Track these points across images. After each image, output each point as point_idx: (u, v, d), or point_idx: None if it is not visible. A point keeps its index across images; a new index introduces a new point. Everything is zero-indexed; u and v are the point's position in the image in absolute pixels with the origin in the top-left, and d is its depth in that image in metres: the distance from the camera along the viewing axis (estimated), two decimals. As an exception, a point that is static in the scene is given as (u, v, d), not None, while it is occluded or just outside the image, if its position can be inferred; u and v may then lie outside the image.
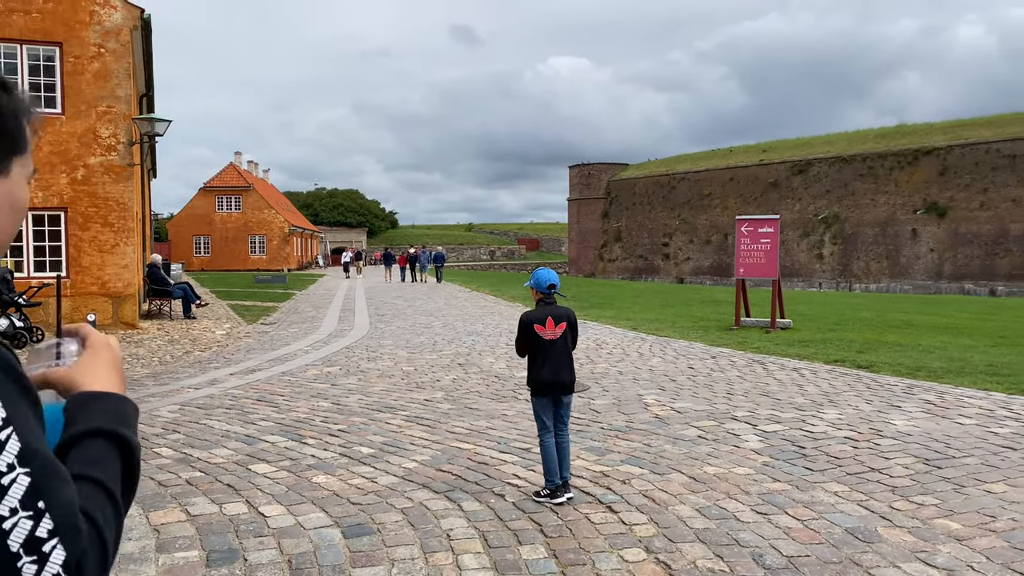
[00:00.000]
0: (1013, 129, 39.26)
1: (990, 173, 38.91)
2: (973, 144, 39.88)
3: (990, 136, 39.70)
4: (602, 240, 60.59)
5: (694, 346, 12.82)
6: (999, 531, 4.39)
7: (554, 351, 5.07)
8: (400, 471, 5.61)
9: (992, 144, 39.19)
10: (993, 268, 38.42)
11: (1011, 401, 8.10)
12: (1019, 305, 24.18)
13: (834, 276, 44.52)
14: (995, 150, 38.98)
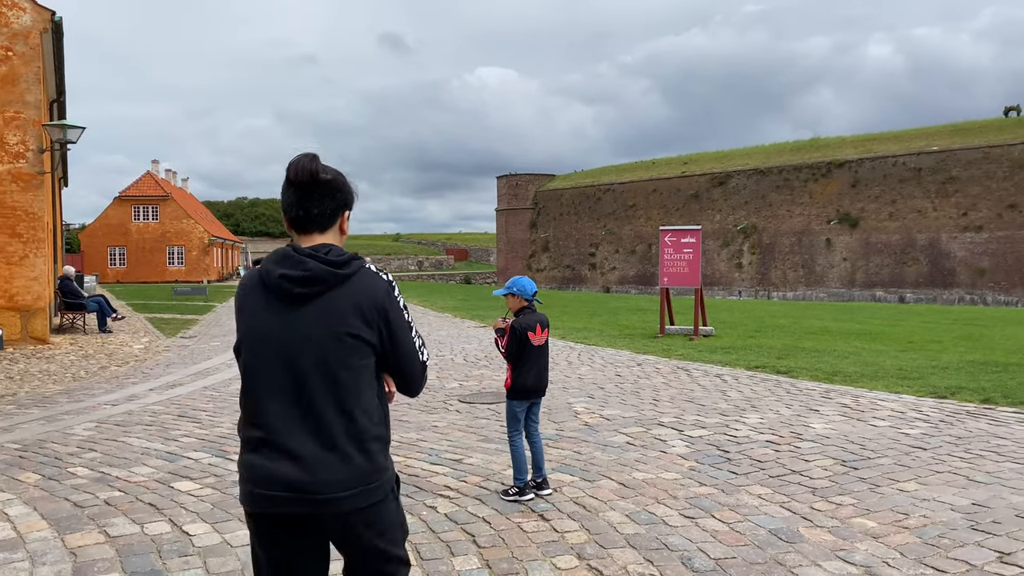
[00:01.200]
0: (918, 143, 41.30)
1: (898, 185, 40.80)
2: (882, 157, 41.77)
3: (897, 150, 41.66)
4: (530, 250, 61.00)
5: (621, 354, 13.01)
6: (912, 528, 4.60)
7: (540, 357, 5.28)
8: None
9: (899, 157, 41.13)
10: (902, 276, 40.24)
11: (920, 403, 8.50)
12: (926, 311, 25.37)
13: (753, 284, 45.89)
14: (902, 163, 40.91)
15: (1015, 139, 37.72)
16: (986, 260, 37.53)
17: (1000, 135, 38.77)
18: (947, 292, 38.31)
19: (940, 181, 39.33)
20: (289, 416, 2.12)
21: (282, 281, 2.15)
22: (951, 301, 37.39)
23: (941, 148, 39.82)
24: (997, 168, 37.63)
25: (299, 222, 2.23)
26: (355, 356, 2.17)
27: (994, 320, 20.49)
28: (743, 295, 45.43)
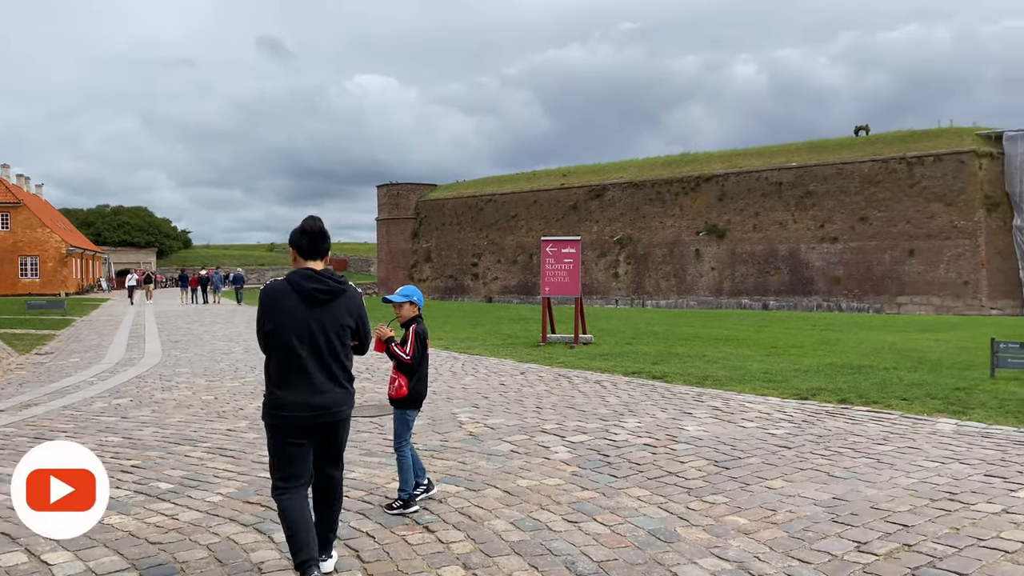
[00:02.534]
0: (779, 159, 43.84)
1: (761, 199, 43.13)
2: (746, 172, 44.07)
3: (760, 165, 44.07)
4: (412, 260, 60.59)
5: (504, 363, 13.12)
6: (780, 523, 4.85)
7: (427, 365, 5.35)
8: (204, 505, 5.29)
9: (762, 172, 43.51)
10: (765, 284, 42.52)
11: (784, 404, 9.00)
12: (787, 317, 26.92)
13: (629, 293, 47.35)
14: (764, 178, 43.31)
15: (864, 156, 40.67)
16: (841, 269, 40.20)
17: (852, 152, 41.71)
18: (806, 299, 40.77)
19: (799, 195, 41.87)
20: (313, 369, 3.83)
21: (313, 291, 3.84)
22: (810, 308, 39.82)
23: (799, 164, 42.43)
24: (849, 183, 40.44)
25: (311, 254, 3.96)
26: (347, 336, 3.97)
27: (848, 325, 21.97)
28: (620, 303, 46.78)
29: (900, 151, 39.65)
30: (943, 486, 5.60)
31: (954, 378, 10.77)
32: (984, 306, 35.91)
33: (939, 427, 7.70)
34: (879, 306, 38.23)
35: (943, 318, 28.80)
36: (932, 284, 37.49)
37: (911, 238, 38.22)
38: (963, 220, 37.06)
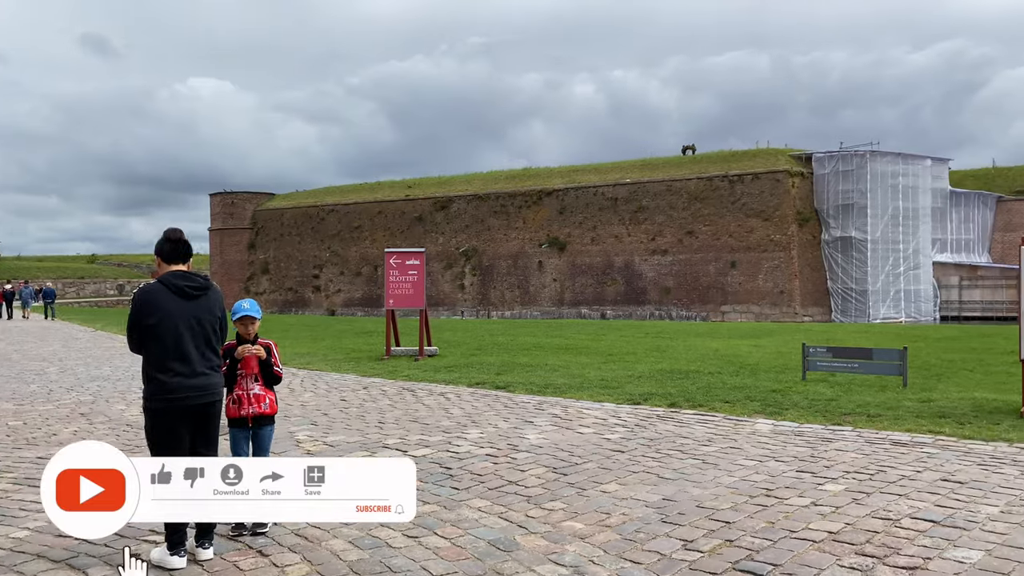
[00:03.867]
0: (614, 175, 45.79)
1: (598, 213, 44.84)
2: (585, 187, 45.71)
3: (597, 181, 45.85)
4: (248, 272, 58.18)
5: (346, 378, 12.85)
6: (613, 526, 5.03)
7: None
8: (8, 542, 4.81)
9: (599, 188, 45.28)
10: (603, 295, 44.19)
11: (619, 410, 9.36)
12: (623, 326, 28.08)
13: (474, 305, 47.78)
14: (601, 193, 45.08)
15: (691, 174, 43.27)
16: (671, 280, 42.47)
17: (680, 170, 44.26)
18: (640, 309, 42.74)
19: (632, 210, 43.90)
20: (193, 355, 4.43)
21: (185, 287, 4.47)
22: (644, 316, 41.77)
23: (633, 180, 44.52)
24: (678, 199, 42.86)
25: (175, 258, 4.57)
26: (217, 326, 4.59)
27: (678, 333, 23.21)
28: (465, 315, 47.09)
29: (723, 169, 42.50)
30: (761, 483, 6.02)
31: (771, 381, 11.62)
32: (798, 313, 39.06)
33: (758, 427, 8.28)
34: (705, 314, 40.68)
35: (762, 325, 31.06)
36: (752, 293, 40.35)
37: (733, 251, 40.98)
38: (778, 234, 40.18)
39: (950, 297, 41.97)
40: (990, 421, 8.19)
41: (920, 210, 40.40)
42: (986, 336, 19.74)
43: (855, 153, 39.97)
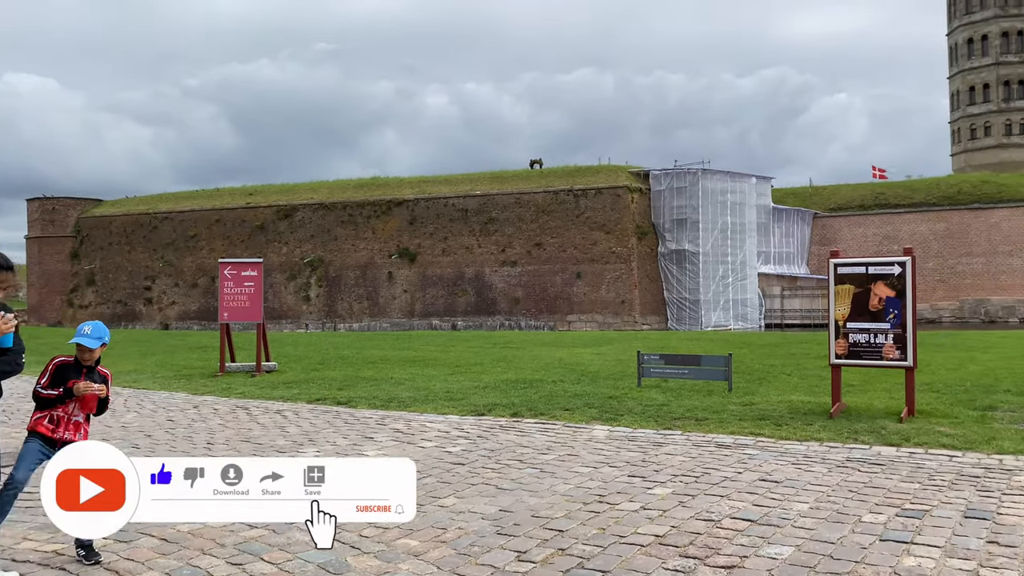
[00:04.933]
0: (465, 187, 46.08)
1: (449, 224, 44.96)
2: (435, 198, 45.71)
3: (448, 192, 45.97)
4: (71, 284, 53.90)
5: (176, 396, 12.11)
6: (449, 541, 4.97)
7: None
8: None
9: (450, 199, 45.42)
10: (454, 306, 44.29)
11: (463, 422, 9.34)
12: (473, 337, 28.22)
13: (321, 317, 46.55)
14: (452, 204, 45.24)
15: (539, 187, 44.27)
16: (520, 291, 43.19)
17: (528, 183, 45.18)
18: (491, 319, 43.17)
19: (483, 221, 44.34)
20: None
21: None
22: (494, 327, 42.21)
23: (483, 192, 44.99)
24: (526, 212, 43.71)
25: None
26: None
27: (525, 343, 23.59)
28: (311, 328, 45.76)
29: (568, 184, 43.78)
30: (594, 489, 6.16)
31: (609, 388, 12.00)
32: (637, 322, 40.77)
33: (595, 434, 8.49)
34: (553, 324, 41.66)
35: (604, 334, 32.15)
36: (596, 303, 41.74)
37: (578, 262, 42.25)
38: (620, 247, 41.82)
39: (773, 306, 45.21)
40: (804, 422, 8.81)
41: (746, 225, 43.29)
42: (803, 342, 21.34)
43: (688, 171, 42.32)
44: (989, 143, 66.78)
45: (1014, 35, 66.43)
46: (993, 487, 6.01)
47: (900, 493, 5.88)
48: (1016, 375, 12.75)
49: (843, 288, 9.17)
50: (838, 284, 9.21)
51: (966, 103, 68.47)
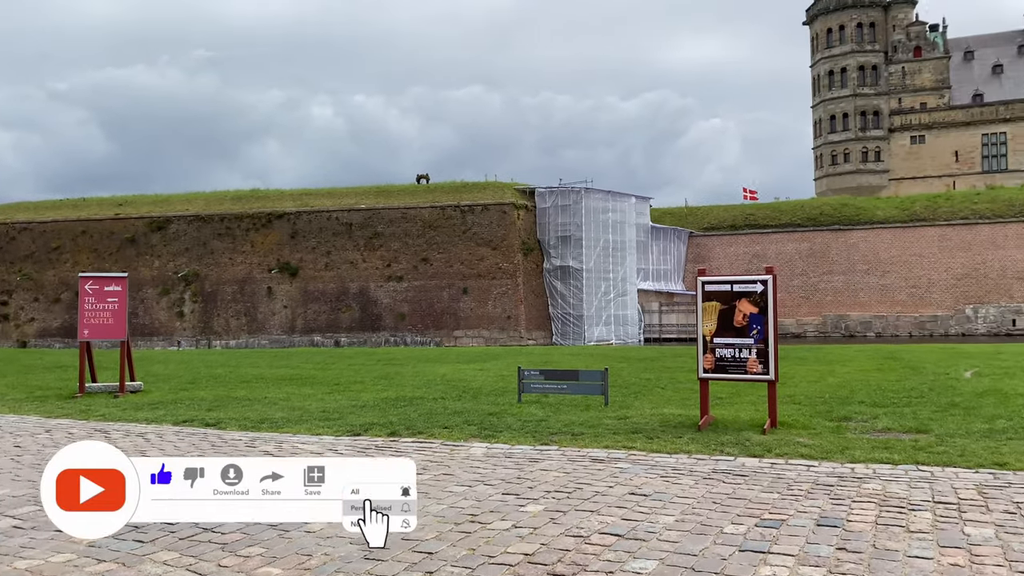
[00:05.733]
0: (349, 200, 45.38)
1: (332, 238, 44.11)
2: (318, 211, 44.78)
3: (331, 205, 45.13)
4: (-87, 298, 49.47)
5: (27, 420, 11.26)
6: (313, 568, 4.80)
7: None
8: None
9: (333, 212, 44.59)
10: (337, 322, 43.41)
11: (337, 442, 9.10)
12: (356, 354, 27.69)
13: (195, 334, 44.60)
14: (335, 218, 44.43)
15: (425, 203, 44.14)
16: (406, 306, 42.82)
17: (415, 198, 44.96)
18: (375, 335, 42.55)
19: (368, 236, 43.76)
20: None
21: None
22: (378, 343, 41.62)
23: (368, 206, 44.44)
24: (412, 226, 43.46)
25: None
26: None
27: (409, 359, 23.34)
28: (184, 345, 43.75)
29: (455, 199, 43.86)
30: (468, 509, 6.11)
31: (489, 404, 12.00)
32: (523, 337, 41.16)
33: (472, 451, 8.45)
34: (439, 339, 41.48)
35: (490, 349, 32.24)
36: (482, 319, 41.88)
37: (465, 278, 42.32)
38: (506, 263, 42.18)
39: (652, 321, 46.70)
40: (674, 435, 9.07)
41: (627, 242, 44.62)
42: (678, 356, 22.07)
43: (572, 189, 43.26)
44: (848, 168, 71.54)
45: (869, 69, 71.60)
46: (844, 495, 6.34)
47: (760, 503, 6.12)
48: (870, 387, 13.59)
49: (710, 305, 9.53)
50: (705, 301, 9.57)
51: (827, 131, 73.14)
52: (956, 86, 70.55)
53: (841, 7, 72.20)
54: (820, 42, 74.17)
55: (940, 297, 46.59)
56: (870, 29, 71.81)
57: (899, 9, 72.21)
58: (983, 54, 72.61)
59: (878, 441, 8.50)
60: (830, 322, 48.13)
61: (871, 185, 69.04)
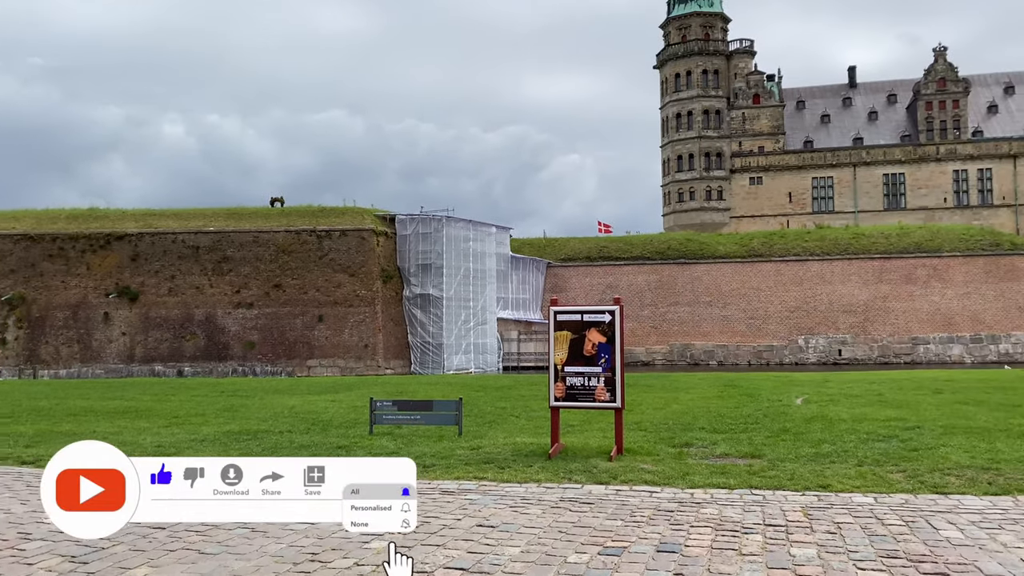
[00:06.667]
0: (197, 222, 43.30)
1: (177, 261, 41.90)
2: (163, 233, 42.45)
3: (177, 227, 42.90)
4: None
5: None
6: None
7: None
8: None
9: (179, 235, 42.40)
10: (181, 350, 41.11)
11: (171, 479, 8.51)
12: (199, 384, 26.27)
13: (19, 363, 40.92)
14: (182, 240, 42.26)
15: (280, 226, 42.80)
16: (256, 334, 41.16)
17: (268, 222, 43.50)
18: (222, 365, 40.59)
19: (217, 260, 41.87)
20: None
21: None
22: (225, 373, 39.72)
23: (217, 229, 42.57)
24: (265, 251, 41.99)
25: None
26: None
27: (257, 390, 22.36)
28: (6, 375, 40.04)
29: (312, 224, 42.81)
30: (308, 547, 5.83)
31: (339, 437, 11.63)
32: (381, 366, 40.49)
33: (318, 487, 8.12)
34: (291, 369, 40.10)
35: (344, 379, 31.48)
36: (338, 347, 40.90)
37: (320, 305, 41.25)
38: (364, 290, 41.49)
39: (511, 349, 47.24)
40: (525, 464, 9.11)
41: (487, 272, 45.03)
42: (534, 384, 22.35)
43: (433, 217, 43.27)
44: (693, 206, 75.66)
45: (713, 113, 76.33)
46: (683, 520, 6.55)
47: (604, 531, 6.21)
48: (710, 414, 14.25)
49: (561, 334, 9.70)
50: (557, 330, 9.73)
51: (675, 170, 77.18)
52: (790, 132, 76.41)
53: (688, 54, 76.74)
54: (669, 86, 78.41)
55: (775, 328, 49.85)
56: (714, 76, 76.64)
57: (740, 59, 77.56)
58: (813, 104, 79.14)
59: (716, 466, 8.88)
60: (676, 350, 50.38)
61: (714, 222, 73.27)
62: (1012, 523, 6.30)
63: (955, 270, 48.72)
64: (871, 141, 74.25)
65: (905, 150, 72.24)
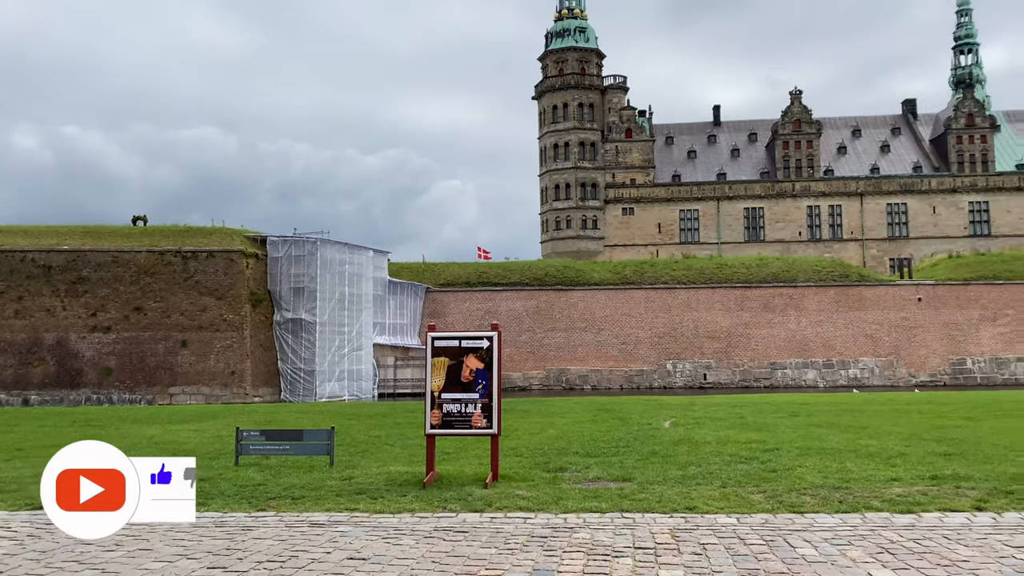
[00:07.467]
0: (49, 240, 40.47)
1: (25, 281, 38.97)
2: (9, 251, 39.41)
3: (26, 245, 39.94)
4: None
5: None
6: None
7: None
8: None
9: (28, 253, 39.49)
10: (27, 377, 38.12)
11: (12, 518, 7.84)
12: (47, 414, 24.39)
13: None
14: (31, 259, 39.37)
15: (141, 246, 40.58)
16: (114, 360, 38.70)
17: (129, 241, 41.16)
18: (76, 392, 37.90)
19: (71, 280, 39.22)
20: None
21: None
22: (78, 401, 37.10)
23: (72, 247, 39.93)
24: (125, 272, 39.67)
25: None
26: None
27: (112, 419, 20.98)
28: None
29: (177, 244, 40.86)
30: None
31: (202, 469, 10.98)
32: (248, 394, 38.91)
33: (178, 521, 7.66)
34: (152, 397, 37.93)
35: (210, 407, 30.03)
36: (203, 374, 39.03)
37: (184, 329, 39.31)
38: (232, 314, 39.87)
39: (387, 375, 46.54)
40: (399, 493, 8.94)
41: (363, 296, 44.28)
42: (410, 411, 22.06)
43: (307, 239, 42.20)
44: (569, 234, 77.43)
45: (588, 145, 78.64)
46: (556, 546, 6.59)
47: (478, 560, 6.16)
48: (584, 438, 14.49)
49: (439, 360, 9.63)
50: (434, 357, 9.65)
51: (552, 198, 78.83)
52: (659, 166, 79.68)
53: (565, 87, 78.86)
54: (547, 117, 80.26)
55: (646, 353, 51.49)
56: (590, 109, 79.07)
57: (614, 94, 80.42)
58: (681, 140, 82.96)
59: (589, 491, 9.01)
60: (553, 376, 51.13)
61: (589, 250, 75.22)
62: (860, 539, 6.70)
63: (809, 299, 51.95)
64: (733, 176, 78.47)
65: (764, 186, 76.76)
